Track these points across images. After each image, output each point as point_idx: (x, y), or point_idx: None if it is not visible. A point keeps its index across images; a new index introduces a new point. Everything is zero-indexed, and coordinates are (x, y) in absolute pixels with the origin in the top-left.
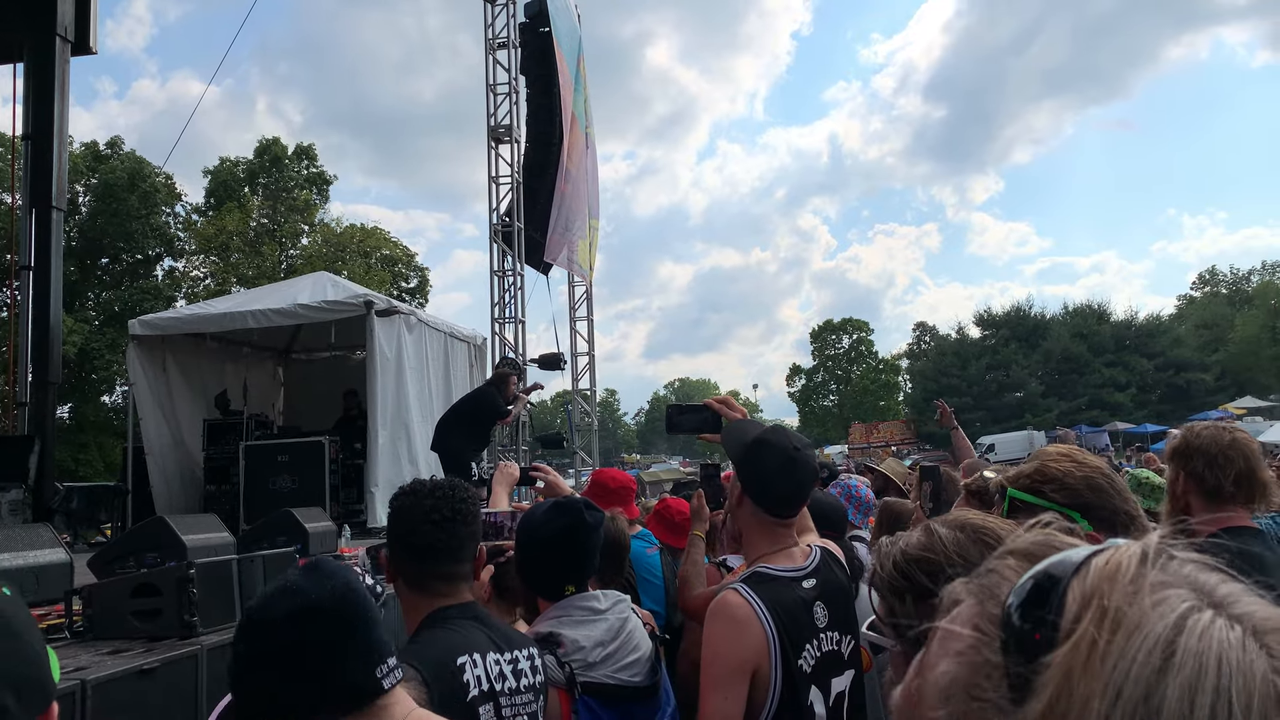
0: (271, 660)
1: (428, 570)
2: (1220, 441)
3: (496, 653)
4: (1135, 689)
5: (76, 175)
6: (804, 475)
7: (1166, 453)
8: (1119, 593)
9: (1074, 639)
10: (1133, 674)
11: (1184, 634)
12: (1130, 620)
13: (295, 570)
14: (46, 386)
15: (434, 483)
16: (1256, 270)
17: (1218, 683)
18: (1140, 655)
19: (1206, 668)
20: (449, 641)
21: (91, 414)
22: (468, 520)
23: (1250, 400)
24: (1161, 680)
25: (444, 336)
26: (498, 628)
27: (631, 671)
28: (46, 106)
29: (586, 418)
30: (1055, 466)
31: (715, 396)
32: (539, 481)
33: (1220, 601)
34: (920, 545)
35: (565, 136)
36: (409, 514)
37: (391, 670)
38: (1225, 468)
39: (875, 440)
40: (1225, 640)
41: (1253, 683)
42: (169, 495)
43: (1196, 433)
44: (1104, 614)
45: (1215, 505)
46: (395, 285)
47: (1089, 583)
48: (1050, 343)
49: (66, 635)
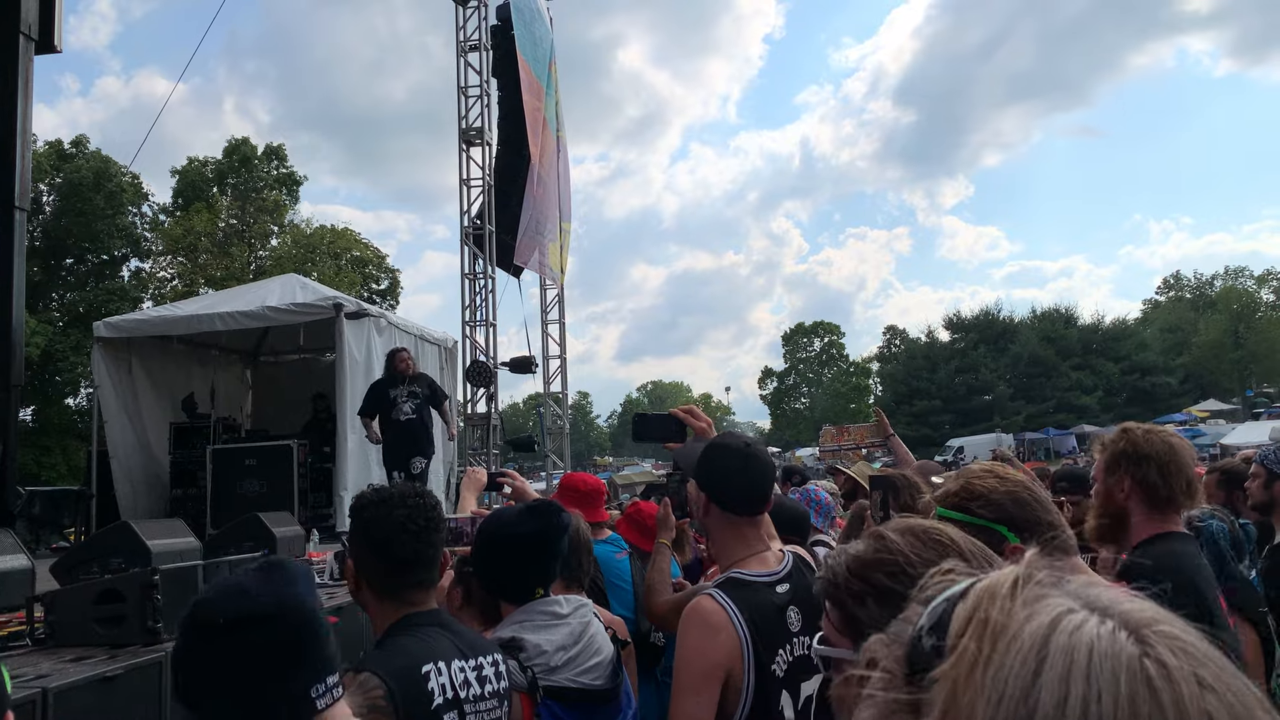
0: (207, 660)
1: (404, 580)
2: (1170, 448)
3: (461, 660)
4: (1014, 689)
5: (40, 174)
6: (760, 469)
7: (1105, 458)
8: (996, 606)
9: (956, 652)
10: (1011, 676)
11: (1057, 632)
12: (1007, 628)
13: (252, 569)
14: (9, 389)
15: (400, 490)
16: (1220, 275)
17: (1088, 671)
18: (1017, 657)
19: (1077, 659)
20: (414, 650)
21: (55, 417)
22: (440, 528)
23: (1213, 403)
24: (1037, 677)
25: (414, 339)
26: (463, 634)
27: (593, 675)
28: (9, 105)
29: (558, 420)
30: (980, 484)
31: (681, 406)
32: (505, 487)
33: (1094, 604)
34: (873, 550)
35: (529, 141)
36: (383, 524)
37: (330, 689)
38: (1176, 476)
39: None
40: (1096, 634)
41: (1120, 666)
42: (134, 500)
43: (1143, 438)
44: (983, 625)
45: (1159, 512)
46: (366, 287)
47: (971, 600)
48: (1019, 346)
49: (28, 643)
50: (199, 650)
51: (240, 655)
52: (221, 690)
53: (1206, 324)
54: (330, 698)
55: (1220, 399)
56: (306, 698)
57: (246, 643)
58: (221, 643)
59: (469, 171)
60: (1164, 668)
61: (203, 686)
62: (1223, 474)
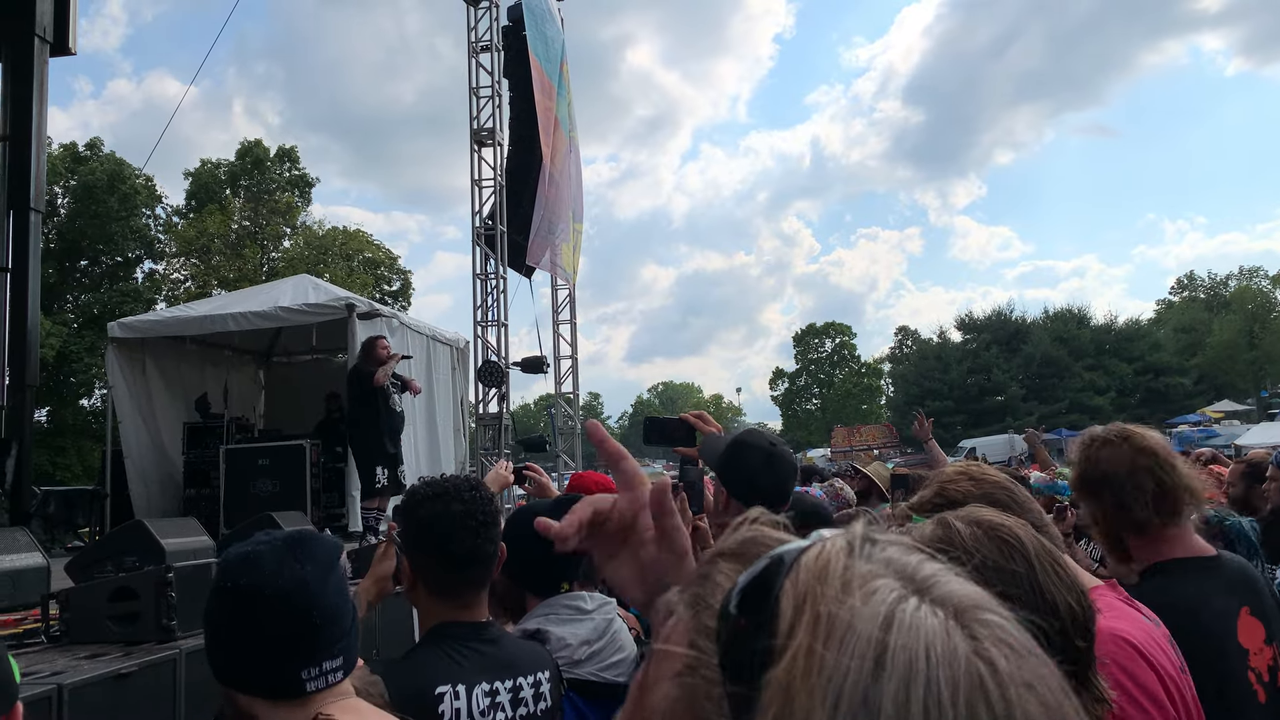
0: (212, 614)
1: (461, 578)
2: (1121, 465)
3: (492, 681)
4: (854, 694)
5: (55, 177)
6: (785, 470)
7: (1073, 480)
8: (830, 594)
9: (790, 652)
10: (849, 680)
11: (893, 630)
12: (842, 623)
13: (279, 539)
14: (24, 389)
15: (455, 484)
16: (1234, 275)
17: (927, 675)
18: (854, 661)
19: (916, 663)
20: (433, 668)
21: (70, 417)
22: (498, 523)
23: (1228, 404)
24: (877, 682)
25: (426, 339)
26: (505, 651)
27: (616, 671)
28: (25, 108)
29: (569, 421)
30: (954, 488)
31: (691, 411)
32: (528, 482)
33: (923, 585)
34: (936, 537)
35: (541, 141)
36: (442, 521)
37: (325, 674)
38: (1139, 494)
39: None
40: (930, 629)
41: (958, 668)
42: (148, 499)
43: (1094, 455)
44: (817, 620)
45: (1146, 535)
46: (378, 288)
47: (800, 585)
48: (1031, 347)
49: (43, 640)
50: (210, 602)
51: (240, 625)
52: (223, 649)
53: (1221, 324)
54: (324, 681)
55: (1235, 399)
56: (295, 680)
57: (245, 615)
58: (225, 605)
59: (480, 172)
60: (994, 669)
61: (210, 639)
62: (1249, 467)
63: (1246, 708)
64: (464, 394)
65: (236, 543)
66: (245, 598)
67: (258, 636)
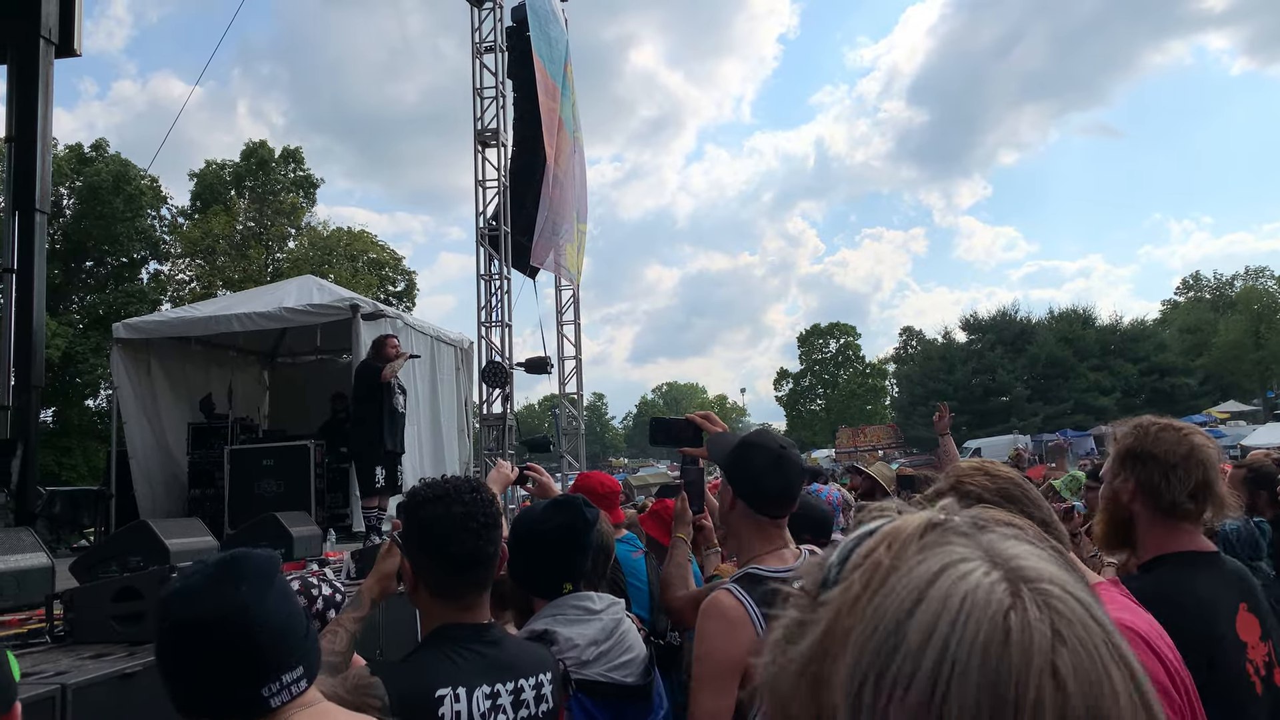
0: (162, 654)
1: (462, 580)
2: (1179, 449)
3: (493, 684)
4: (889, 622)
5: (61, 178)
6: (793, 472)
7: (1117, 453)
8: (895, 547)
9: (844, 583)
10: (888, 611)
11: (941, 578)
12: (897, 569)
13: (209, 565)
14: (29, 390)
15: (456, 485)
16: (1240, 275)
17: (955, 617)
18: (897, 596)
19: (949, 605)
20: (434, 670)
21: (75, 418)
22: (499, 525)
23: (1234, 404)
24: (910, 616)
25: (430, 340)
26: (506, 653)
27: (625, 671)
28: (30, 109)
29: (573, 421)
30: (970, 482)
31: (698, 412)
32: (529, 482)
33: (995, 556)
34: None
35: (545, 142)
36: (442, 522)
37: (287, 686)
38: (1184, 480)
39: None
40: (975, 584)
41: (985, 616)
42: (152, 499)
43: (1152, 435)
44: (876, 566)
45: (1167, 522)
46: (382, 289)
47: (871, 542)
48: (1036, 347)
49: (48, 640)
50: (157, 644)
51: (188, 657)
52: (178, 683)
53: (1226, 324)
54: (288, 694)
55: (1240, 400)
56: (258, 698)
57: (190, 647)
58: (170, 642)
59: (484, 173)
60: (1025, 620)
61: (165, 676)
62: (1250, 471)
63: (1244, 699)
64: (468, 395)
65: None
66: (187, 630)
67: (209, 665)
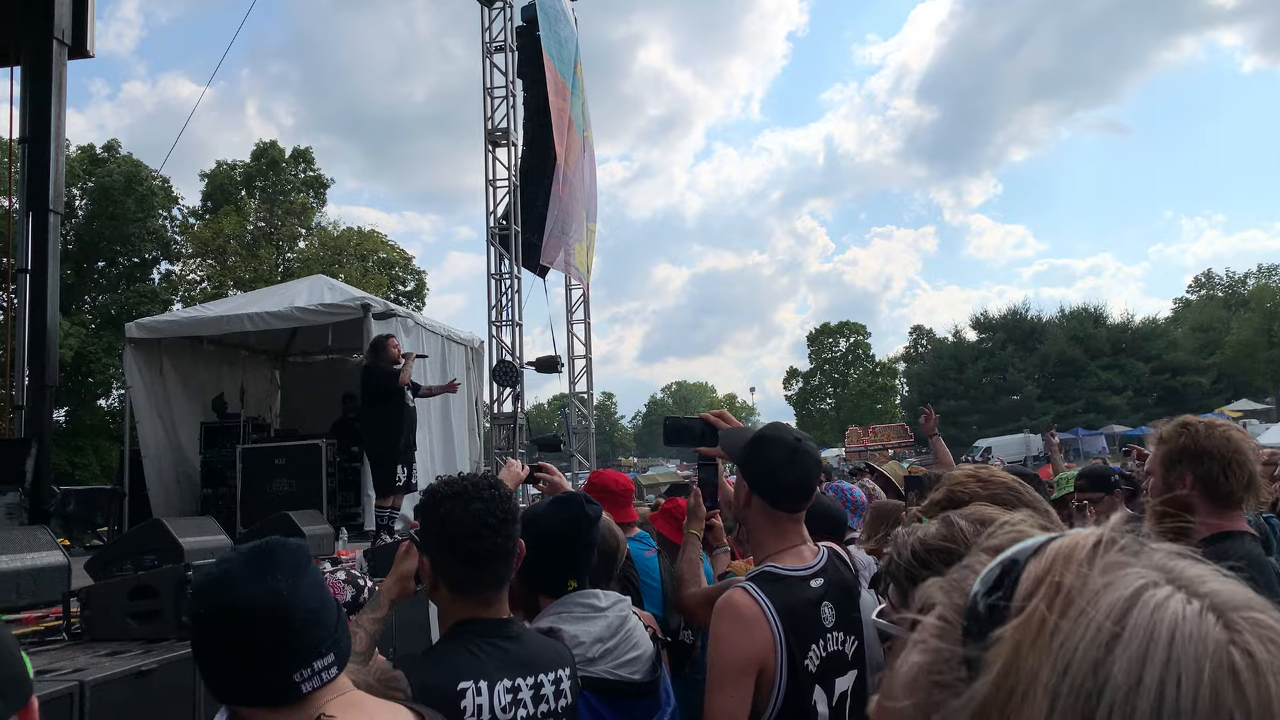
0: (197, 643)
1: (481, 577)
2: (1231, 444)
3: (514, 679)
4: (1084, 661)
5: (73, 178)
6: (809, 465)
7: (1164, 453)
8: (1072, 571)
9: (1024, 615)
10: (1081, 646)
11: (1136, 607)
12: (1082, 595)
13: (243, 552)
14: (43, 390)
15: (474, 481)
16: (1253, 273)
17: (1168, 655)
18: (1090, 628)
19: (1157, 640)
20: (456, 664)
21: (88, 417)
22: (517, 521)
23: (1246, 403)
24: (1110, 653)
25: (441, 339)
26: (527, 649)
27: (631, 669)
28: (43, 110)
29: (584, 420)
30: (962, 490)
31: (712, 411)
32: (540, 480)
33: (1180, 579)
34: (940, 535)
35: (555, 142)
36: (461, 519)
37: (318, 672)
38: (1239, 473)
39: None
40: (1180, 613)
41: (1204, 654)
42: (165, 498)
43: (1203, 433)
44: (1056, 591)
45: (1223, 509)
46: (392, 288)
47: (1044, 563)
48: (1047, 346)
49: (64, 637)
50: (192, 630)
51: (223, 643)
52: (212, 668)
53: (1239, 323)
54: (319, 680)
55: (1253, 399)
56: (290, 684)
57: (225, 633)
58: (204, 627)
59: (494, 172)
60: (1251, 659)
61: (199, 661)
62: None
63: None
64: (479, 394)
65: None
66: (223, 616)
67: (243, 651)
